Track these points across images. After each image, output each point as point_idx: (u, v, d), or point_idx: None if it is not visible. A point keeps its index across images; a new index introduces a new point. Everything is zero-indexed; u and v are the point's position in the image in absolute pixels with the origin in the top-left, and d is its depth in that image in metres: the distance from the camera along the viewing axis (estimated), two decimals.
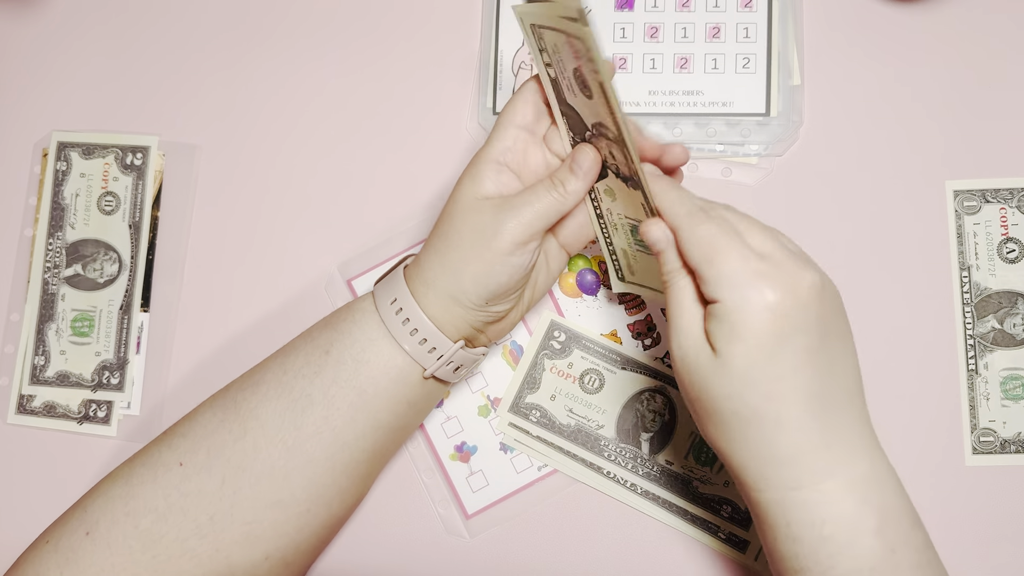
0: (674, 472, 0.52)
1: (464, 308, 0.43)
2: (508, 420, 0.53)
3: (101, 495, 0.43)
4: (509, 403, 0.53)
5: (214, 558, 0.42)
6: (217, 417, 0.44)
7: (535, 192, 0.43)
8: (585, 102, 0.41)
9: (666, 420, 0.52)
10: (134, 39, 0.58)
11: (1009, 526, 0.51)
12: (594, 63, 0.37)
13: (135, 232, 0.56)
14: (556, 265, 0.48)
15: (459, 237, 0.43)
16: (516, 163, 0.44)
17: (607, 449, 0.52)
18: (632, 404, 0.53)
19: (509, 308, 0.45)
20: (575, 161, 0.43)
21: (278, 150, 0.57)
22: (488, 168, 0.43)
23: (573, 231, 0.47)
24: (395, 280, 0.44)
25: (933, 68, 0.55)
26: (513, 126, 0.44)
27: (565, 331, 0.53)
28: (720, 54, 0.55)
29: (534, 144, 0.45)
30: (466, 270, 0.42)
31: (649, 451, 0.52)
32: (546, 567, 0.52)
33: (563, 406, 0.53)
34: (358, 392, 0.43)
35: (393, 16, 0.57)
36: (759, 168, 0.54)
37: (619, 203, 0.44)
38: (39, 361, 0.56)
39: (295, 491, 0.43)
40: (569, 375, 0.53)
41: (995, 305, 0.53)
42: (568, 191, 0.43)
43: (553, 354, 0.53)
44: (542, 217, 0.42)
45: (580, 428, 0.53)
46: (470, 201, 0.43)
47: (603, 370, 0.53)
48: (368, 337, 0.44)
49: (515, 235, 0.42)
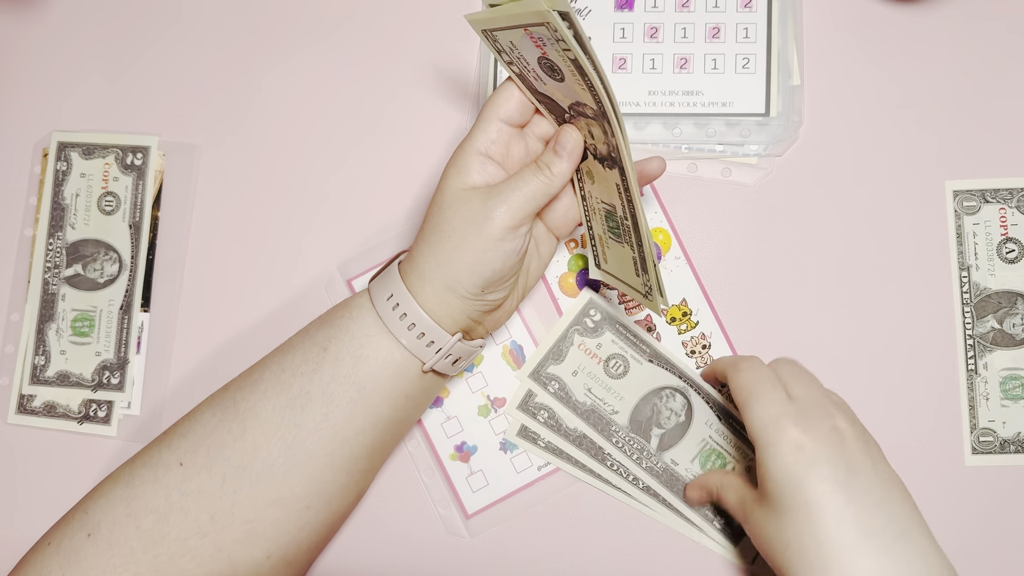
0: (676, 473, 0.52)
1: (460, 298, 0.44)
2: (527, 386, 0.53)
3: (102, 496, 0.43)
4: (531, 369, 0.53)
5: (216, 557, 0.42)
6: (216, 416, 0.44)
7: (522, 177, 0.43)
8: (557, 86, 0.42)
9: (681, 421, 0.52)
10: (134, 39, 0.58)
11: (1009, 526, 0.51)
12: (564, 41, 0.38)
13: (135, 232, 0.56)
14: (547, 251, 0.49)
15: (450, 228, 0.43)
16: (500, 154, 0.45)
17: (616, 435, 0.52)
18: (651, 398, 0.53)
19: (505, 296, 0.46)
20: (558, 143, 0.44)
21: (278, 150, 0.57)
22: (473, 160, 0.44)
23: (560, 215, 0.48)
24: (390, 276, 0.45)
25: (933, 68, 0.55)
26: (496, 119, 0.44)
27: (602, 311, 0.53)
28: (720, 54, 0.55)
29: (516, 136, 0.45)
30: (460, 259, 0.43)
31: (657, 447, 0.52)
32: (546, 567, 0.52)
33: (583, 384, 0.53)
34: (357, 388, 0.43)
35: (393, 17, 0.57)
36: (759, 168, 0.54)
37: (597, 186, 0.45)
38: (39, 361, 0.56)
39: (295, 488, 0.43)
40: (596, 355, 0.53)
41: (995, 305, 0.53)
42: (554, 173, 0.44)
43: (585, 331, 0.53)
44: (531, 200, 0.43)
45: (594, 409, 0.52)
46: (458, 192, 0.44)
47: (630, 358, 0.53)
48: (365, 333, 0.44)
49: (505, 220, 0.43)
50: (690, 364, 0.53)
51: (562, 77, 0.40)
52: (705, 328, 0.53)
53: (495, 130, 0.44)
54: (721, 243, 0.54)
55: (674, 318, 0.54)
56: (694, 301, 0.54)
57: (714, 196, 0.55)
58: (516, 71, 0.43)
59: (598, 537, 0.52)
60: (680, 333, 0.54)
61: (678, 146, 0.54)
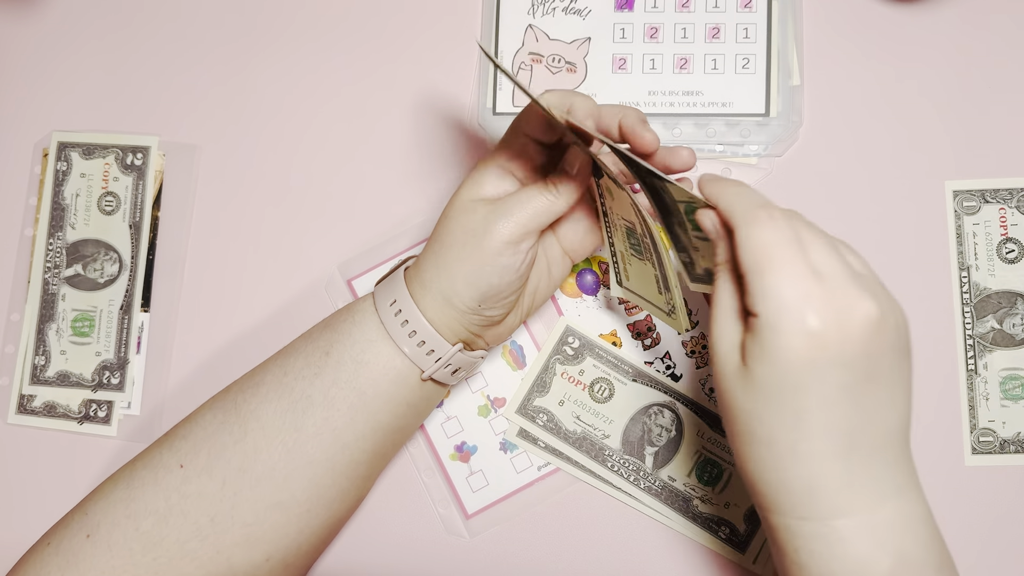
0: (676, 489, 0.52)
1: (458, 311, 0.43)
2: (514, 422, 0.53)
3: (102, 497, 0.43)
4: (517, 404, 0.53)
5: (215, 560, 0.42)
6: (218, 419, 0.44)
7: (527, 192, 0.43)
8: None
9: (672, 436, 0.52)
10: (134, 39, 0.58)
11: (1009, 526, 0.51)
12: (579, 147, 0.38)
13: (135, 232, 0.56)
14: (559, 272, 0.48)
15: (452, 237, 0.43)
16: (523, 171, 0.44)
17: (611, 459, 0.52)
18: (640, 417, 0.52)
19: (504, 313, 0.45)
20: (566, 162, 0.43)
21: (278, 150, 0.57)
22: (491, 173, 0.43)
23: (579, 238, 0.47)
24: (395, 281, 0.44)
25: (933, 68, 0.55)
26: (521, 133, 0.44)
27: (579, 337, 0.53)
28: (720, 54, 0.55)
29: (545, 154, 0.44)
30: (459, 271, 0.42)
31: (653, 465, 0.52)
32: (546, 567, 0.52)
33: (571, 412, 0.53)
34: (358, 393, 0.43)
35: (393, 17, 0.57)
36: (759, 168, 0.54)
37: (616, 203, 0.45)
38: (39, 361, 0.56)
39: (295, 492, 0.43)
40: (580, 382, 0.53)
41: (994, 305, 0.53)
42: (560, 191, 0.42)
43: (566, 359, 0.53)
44: (533, 217, 0.42)
45: (586, 436, 0.52)
46: (465, 203, 0.43)
47: (614, 380, 0.53)
48: (368, 338, 0.44)
49: (504, 235, 0.42)
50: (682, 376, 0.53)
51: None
52: (706, 328, 0.53)
53: (519, 144, 0.44)
54: None
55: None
56: (694, 301, 0.54)
57: None
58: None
59: (598, 537, 0.52)
60: (680, 333, 0.54)
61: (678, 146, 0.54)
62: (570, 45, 0.56)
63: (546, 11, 0.56)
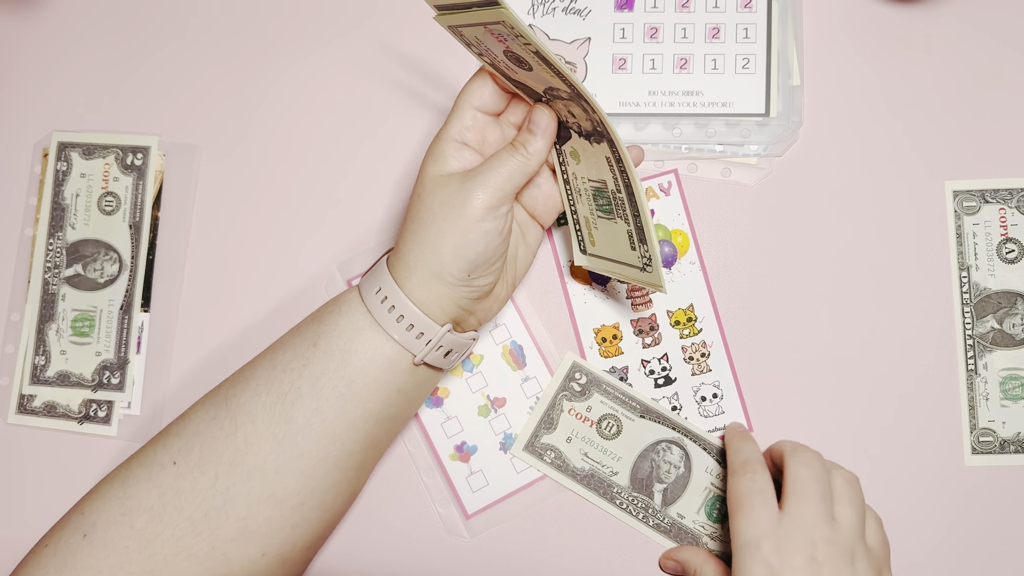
0: (685, 526, 0.52)
1: (448, 285, 0.44)
2: (521, 459, 0.53)
3: (98, 497, 0.43)
4: (524, 442, 0.53)
5: (210, 555, 0.42)
6: (209, 414, 0.44)
7: (498, 158, 0.44)
8: (527, 75, 0.42)
9: (681, 473, 0.52)
10: (134, 39, 0.58)
11: (1009, 526, 0.51)
12: (523, 37, 0.38)
13: (135, 232, 0.56)
14: (533, 239, 0.49)
15: (431, 214, 0.43)
16: (476, 141, 0.45)
17: (619, 497, 0.52)
18: (648, 454, 0.52)
19: (493, 281, 0.45)
20: (532, 122, 0.44)
21: (279, 150, 0.57)
22: (449, 147, 0.44)
23: (541, 201, 0.48)
24: (378, 270, 0.45)
25: (933, 68, 0.55)
26: (470, 107, 0.45)
27: (586, 374, 0.53)
28: (720, 54, 0.55)
29: (492, 123, 0.46)
30: (444, 244, 0.43)
31: (662, 502, 0.52)
32: (546, 567, 0.52)
33: (578, 449, 0.52)
34: (347, 383, 0.43)
35: (393, 16, 0.58)
36: (759, 168, 0.54)
37: (583, 165, 0.45)
38: (39, 361, 0.56)
39: (288, 485, 0.43)
40: (587, 418, 0.53)
41: (994, 305, 0.53)
42: (530, 151, 0.44)
43: (573, 396, 0.53)
44: (508, 180, 0.43)
45: (594, 473, 0.52)
46: (435, 179, 0.44)
47: (621, 416, 0.53)
48: (355, 327, 0.44)
49: (484, 200, 0.43)
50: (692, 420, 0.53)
51: (530, 67, 0.41)
52: (708, 337, 0.53)
53: (469, 118, 0.45)
54: (721, 243, 0.54)
55: (678, 321, 0.54)
56: (701, 309, 0.54)
57: (714, 196, 0.55)
58: (488, 61, 0.43)
59: (598, 537, 0.52)
60: (682, 337, 0.54)
61: (678, 146, 0.54)
62: (570, 45, 0.56)
63: (546, 11, 0.56)
